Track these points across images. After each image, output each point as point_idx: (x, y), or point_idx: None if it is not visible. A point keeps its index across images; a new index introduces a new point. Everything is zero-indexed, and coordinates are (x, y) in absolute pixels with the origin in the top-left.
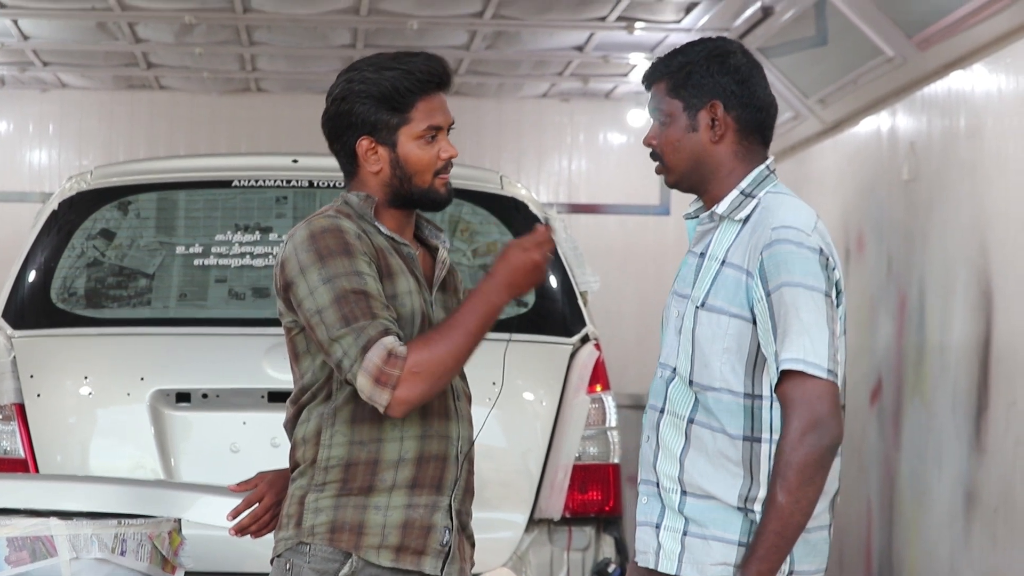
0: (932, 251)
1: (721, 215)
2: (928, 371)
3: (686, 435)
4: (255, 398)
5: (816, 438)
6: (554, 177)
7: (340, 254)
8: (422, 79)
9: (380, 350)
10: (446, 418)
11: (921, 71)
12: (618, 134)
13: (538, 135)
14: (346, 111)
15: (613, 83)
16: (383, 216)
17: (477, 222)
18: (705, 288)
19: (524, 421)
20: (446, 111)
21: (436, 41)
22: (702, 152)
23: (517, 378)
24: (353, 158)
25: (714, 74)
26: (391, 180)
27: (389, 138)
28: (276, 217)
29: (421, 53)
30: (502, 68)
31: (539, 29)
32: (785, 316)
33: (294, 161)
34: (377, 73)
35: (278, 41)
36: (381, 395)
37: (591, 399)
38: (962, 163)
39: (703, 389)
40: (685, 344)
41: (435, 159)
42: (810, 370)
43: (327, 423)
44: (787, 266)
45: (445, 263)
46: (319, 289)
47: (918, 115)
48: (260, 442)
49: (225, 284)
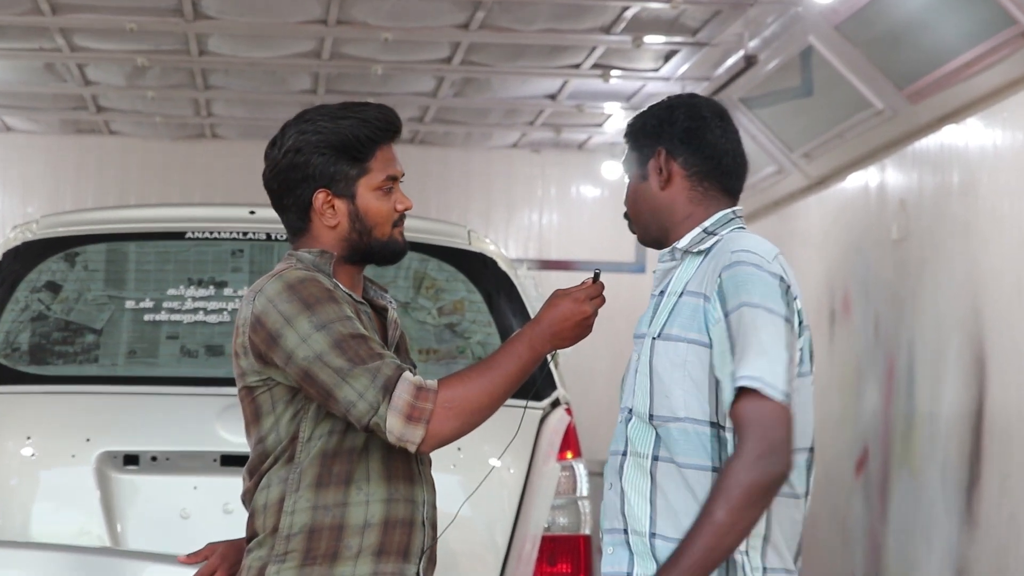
0: (922, 314)
1: (682, 250)
2: (917, 441)
3: (651, 475)
4: (207, 461)
5: (769, 464)
6: (524, 231)
7: (327, 300)
8: (380, 127)
9: (407, 386)
10: (411, 482)
11: (912, 125)
12: (591, 187)
13: (508, 187)
14: (301, 163)
15: (587, 133)
16: (338, 274)
17: (443, 279)
18: (662, 321)
19: (490, 489)
20: (399, 161)
21: (401, 87)
22: (655, 201)
23: (483, 443)
24: (306, 213)
25: (662, 123)
26: (349, 234)
27: (348, 190)
28: (231, 271)
29: (369, 103)
30: (470, 116)
31: (510, 76)
32: (744, 335)
33: (251, 212)
34: (333, 122)
35: (235, 85)
36: (415, 432)
37: (561, 467)
38: (955, 221)
39: (664, 422)
40: (642, 380)
41: (392, 210)
42: (767, 391)
43: (291, 488)
44: (747, 287)
45: (396, 324)
46: (313, 336)
47: (908, 171)
48: (212, 508)
49: (177, 341)
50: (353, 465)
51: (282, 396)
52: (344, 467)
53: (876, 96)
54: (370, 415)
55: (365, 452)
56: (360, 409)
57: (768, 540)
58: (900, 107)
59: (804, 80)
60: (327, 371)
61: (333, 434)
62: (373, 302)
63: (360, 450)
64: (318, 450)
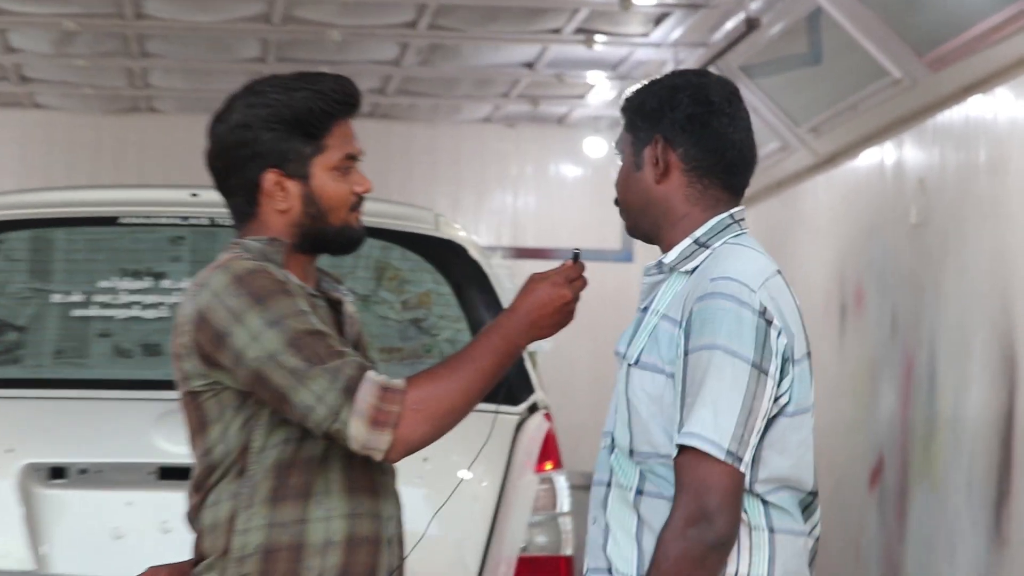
0: (945, 307)
1: (669, 265)
2: (939, 449)
3: (637, 510)
4: (143, 475)
5: (698, 533)
6: (496, 216)
7: (279, 293)
8: (337, 100)
9: (371, 387)
10: (375, 495)
11: (934, 95)
12: (572, 166)
13: (479, 166)
14: (249, 139)
15: (567, 106)
16: (288, 264)
17: (408, 269)
18: (640, 345)
19: (460, 504)
20: (357, 138)
21: (361, 55)
22: (648, 193)
23: (451, 453)
24: (254, 195)
25: (663, 107)
26: (302, 219)
27: (300, 170)
28: (170, 261)
29: (325, 73)
30: (438, 87)
31: (482, 42)
32: (698, 383)
33: (193, 195)
34: (285, 94)
35: (174, 53)
36: (380, 438)
37: (540, 479)
38: (982, 202)
39: (647, 458)
40: (621, 410)
41: (350, 193)
42: (705, 447)
43: (243, 504)
44: (713, 325)
45: (353, 319)
46: (265, 334)
47: (929, 147)
48: (149, 527)
49: (109, 339)
50: (312, 477)
51: (231, 401)
52: (302, 479)
53: (893, 63)
54: (330, 420)
55: (325, 462)
56: (319, 414)
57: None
58: (920, 75)
59: (812, 46)
60: (281, 372)
61: (289, 443)
62: (327, 295)
63: (319, 460)
64: (272, 461)
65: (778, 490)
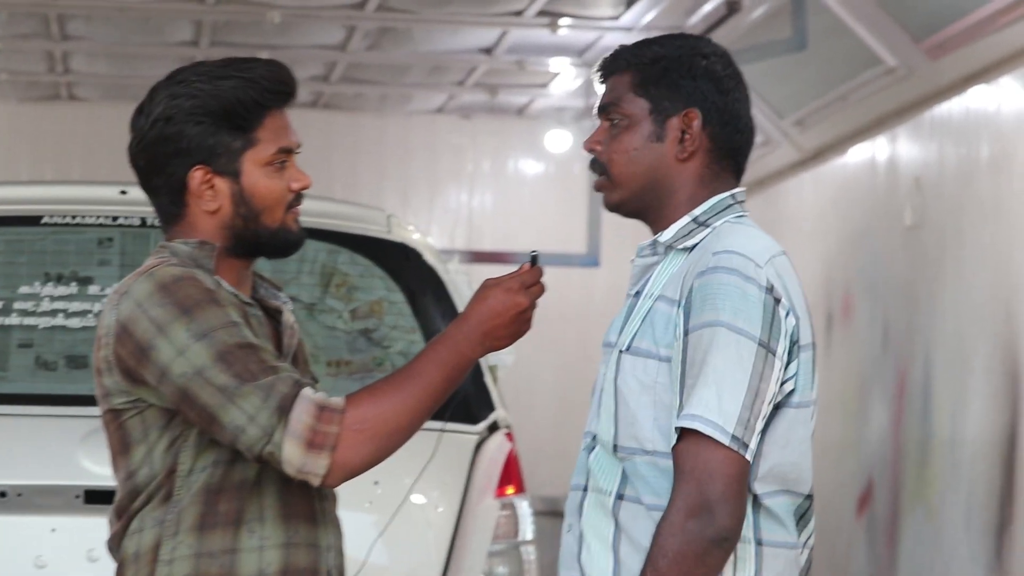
0: (942, 317)
1: (665, 244)
2: (935, 473)
3: (615, 517)
4: (68, 498)
5: (698, 526)
6: (451, 215)
7: (207, 303)
8: (270, 89)
9: (307, 405)
10: (313, 522)
11: (932, 85)
12: (533, 161)
13: (431, 161)
14: (173, 134)
15: (528, 96)
16: (220, 269)
17: (357, 275)
18: (633, 330)
19: (414, 532)
20: (293, 131)
21: (303, 38)
22: (664, 169)
23: (404, 476)
24: (180, 195)
25: (696, 76)
26: (232, 220)
27: (230, 166)
28: (98, 264)
29: (257, 59)
30: (387, 75)
31: (437, 25)
32: (700, 363)
33: (122, 192)
34: (211, 84)
35: (99, 35)
36: (317, 461)
37: (500, 504)
38: (983, 203)
39: (631, 455)
40: (607, 401)
41: (286, 190)
42: (708, 430)
43: (168, 532)
44: (716, 301)
45: (293, 330)
46: (192, 348)
47: (926, 142)
48: (74, 555)
49: (31, 350)
50: (243, 503)
51: (156, 421)
52: (232, 505)
53: (888, 51)
54: (263, 442)
55: (258, 487)
56: (251, 435)
57: None
58: (917, 64)
59: (796, 31)
60: (209, 390)
61: (218, 465)
62: (264, 303)
63: (252, 484)
64: (200, 485)
65: (776, 494)
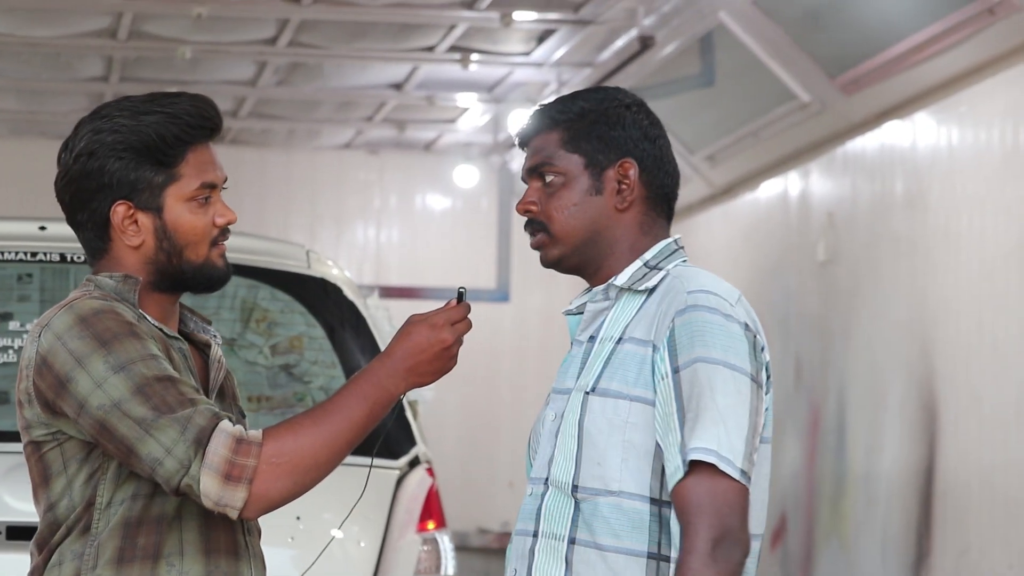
0: (856, 353)
1: (620, 287)
2: (849, 506)
3: (566, 560)
4: None
5: (726, 554)
6: (358, 251)
7: (126, 336)
8: (192, 124)
9: (224, 438)
10: (235, 556)
11: (845, 121)
12: (440, 196)
13: (338, 196)
14: (95, 169)
15: (436, 131)
16: (145, 303)
17: (277, 310)
18: (596, 372)
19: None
20: (219, 165)
21: (214, 74)
22: (604, 221)
23: (324, 511)
24: (104, 230)
25: (625, 126)
26: (155, 255)
27: (153, 201)
28: (18, 300)
29: (182, 93)
30: (295, 110)
31: (347, 60)
32: (698, 398)
33: (41, 228)
34: (133, 119)
35: (9, 71)
36: (234, 494)
37: (422, 539)
38: (898, 239)
39: (593, 495)
40: (566, 443)
41: (210, 226)
42: (723, 466)
43: (87, 566)
44: (704, 338)
45: (221, 364)
46: (110, 380)
47: (839, 177)
48: None
49: None
50: (162, 536)
51: (75, 453)
52: (151, 539)
53: (801, 86)
54: (180, 475)
55: (178, 520)
56: (168, 468)
57: None
58: (831, 99)
59: (704, 66)
60: (127, 422)
61: (137, 498)
62: (192, 337)
63: (171, 518)
64: (119, 518)
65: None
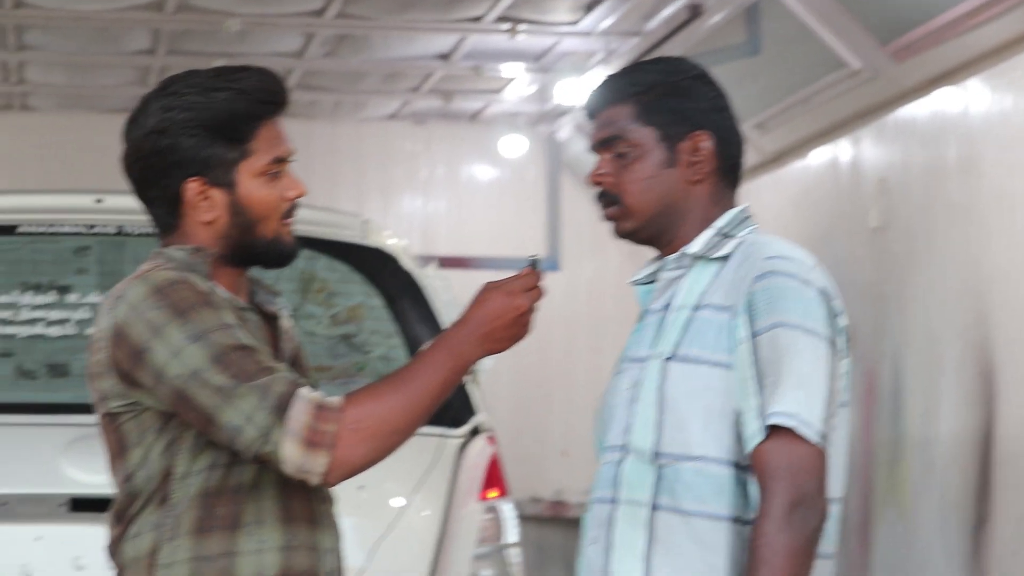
0: (911, 320)
1: (694, 255)
2: (907, 473)
3: (650, 527)
4: (52, 507)
5: (804, 520)
6: (405, 221)
7: (202, 305)
8: (262, 99)
9: (304, 404)
10: (313, 525)
11: (897, 88)
12: (487, 167)
13: (384, 167)
14: (167, 147)
15: (482, 101)
16: (216, 276)
17: (335, 281)
18: (673, 339)
19: (399, 536)
20: (287, 139)
21: (261, 46)
22: (677, 193)
23: (386, 480)
24: (176, 206)
25: (696, 98)
26: (228, 231)
27: (225, 177)
28: (76, 273)
29: (249, 67)
30: (342, 82)
31: (395, 32)
32: (777, 363)
33: (98, 201)
34: (204, 96)
35: (55, 45)
36: (315, 460)
37: (485, 508)
38: (951, 205)
39: (675, 460)
40: (645, 410)
41: (281, 199)
42: (802, 429)
43: (166, 536)
44: (783, 303)
45: (290, 335)
46: (187, 349)
47: (891, 144)
48: (59, 563)
49: (11, 359)
50: (241, 506)
51: (152, 423)
52: (230, 508)
53: (852, 53)
54: (260, 442)
55: (255, 490)
56: (248, 436)
57: None
58: (883, 66)
59: (751, 35)
60: (206, 391)
61: (216, 468)
62: (261, 309)
63: (249, 487)
64: (197, 489)
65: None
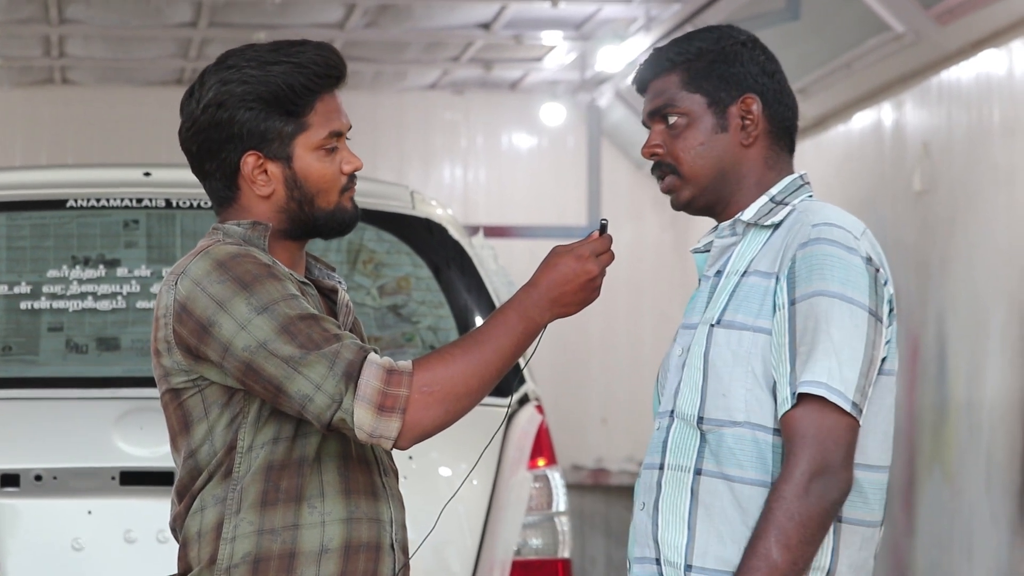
0: (955, 282)
1: (747, 222)
2: (952, 435)
3: (692, 491)
4: (103, 480)
5: (824, 489)
6: (445, 191)
7: (266, 277)
8: (320, 73)
9: (374, 370)
10: (374, 497)
11: (940, 51)
12: (527, 135)
13: (424, 137)
14: (224, 120)
15: (522, 70)
16: (273, 250)
17: (383, 251)
18: (721, 305)
19: (450, 505)
20: (344, 113)
21: (302, 17)
22: (731, 158)
23: (432, 450)
24: (233, 180)
25: (743, 62)
26: (286, 204)
27: (282, 151)
28: (125, 247)
29: (306, 41)
30: (382, 52)
31: (436, 2)
32: (813, 331)
33: (146, 174)
34: (261, 69)
35: (96, 18)
36: (389, 424)
37: (533, 476)
38: (995, 168)
39: (718, 426)
40: (692, 375)
41: (338, 173)
42: (832, 397)
43: (230, 510)
44: (824, 270)
45: (349, 308)
46: (254, 321)
47: (934, 107)
48: (111, 537)
49: (61, 333)
50: (304, 479)
51: (216, 398)
52: (294, 481)
53: (894, 17)
54: (332, 409)
55: (318, 462)
56: (319, 403)
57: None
58: (925, 29)
59: (790, 1)
60: (274, 361)
61: (279, 442)
62: (318, 283)
63: (312, 460)
64: (261, 462)
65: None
